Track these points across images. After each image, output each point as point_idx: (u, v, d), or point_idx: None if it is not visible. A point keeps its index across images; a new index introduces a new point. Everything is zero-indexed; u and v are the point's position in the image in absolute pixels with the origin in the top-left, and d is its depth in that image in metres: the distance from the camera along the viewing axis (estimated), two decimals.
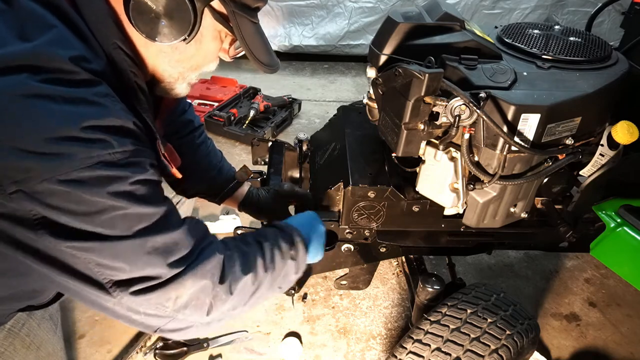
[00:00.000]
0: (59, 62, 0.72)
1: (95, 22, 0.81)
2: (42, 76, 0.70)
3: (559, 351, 1.83)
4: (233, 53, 0.99)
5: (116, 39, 0.83)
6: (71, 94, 0.71)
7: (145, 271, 0.80)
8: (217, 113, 3.17)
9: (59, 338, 1.20)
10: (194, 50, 0.91)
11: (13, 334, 1.05)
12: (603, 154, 1.24)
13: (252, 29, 0.93)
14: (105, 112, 0.74)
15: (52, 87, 0.70)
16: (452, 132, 1.07)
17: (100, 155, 0.72)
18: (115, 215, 0.76)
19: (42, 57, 0.71)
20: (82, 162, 0.71)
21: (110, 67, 0.82)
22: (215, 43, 0.94)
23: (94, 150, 0.72)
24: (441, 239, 1.40)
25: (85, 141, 0.71)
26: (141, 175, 0.79)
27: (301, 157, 1.63)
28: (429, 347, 1.20)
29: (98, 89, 0.76)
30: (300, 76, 4.30)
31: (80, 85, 0.73)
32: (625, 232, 1.24)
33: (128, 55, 0.85)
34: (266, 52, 0.97)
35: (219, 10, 0.88)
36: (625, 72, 1.21)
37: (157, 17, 0.82)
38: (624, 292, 2.10)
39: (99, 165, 0.72)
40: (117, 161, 0.75)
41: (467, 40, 1.16)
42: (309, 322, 1.88)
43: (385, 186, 1.28)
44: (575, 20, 4.50)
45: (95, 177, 0.73)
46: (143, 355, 1.69)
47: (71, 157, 0.70)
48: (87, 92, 0.73)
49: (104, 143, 0.73)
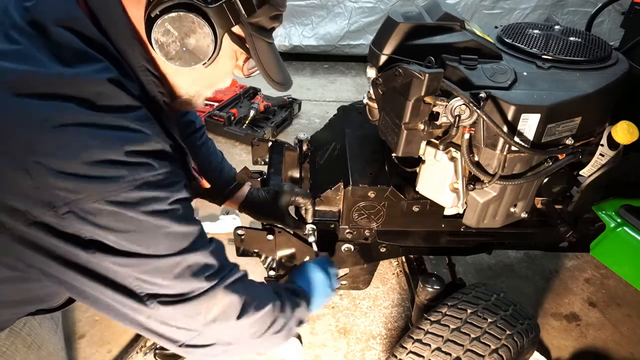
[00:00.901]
0: (101, 86, 0.75)
1: (124, 45, 0.83)
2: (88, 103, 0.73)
3: (559, 351, 1.83)
4: (247, 72, 1.02)
5: (143, 61, 0.86)
6: (115, 121, 0.75)
7: (181, 286, 0.84)
8: (217, 113, 3.16)
9: (60, 337, 1.21)
10: (211, 71, 0.93)
11: (14, 333, 1.05)
12: (603, 154, 1.24)
13: (267, 49, 0.95)
14: (146, 138, 0.78)
15: (98, 114, 0.73)
16: (452, 132, 1.07)
17: (145, 177, 0.76)
18: (158, 233, 0.80)
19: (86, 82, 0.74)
20: (129, 184, 0.75)
21: (141, 89, 0.86)
22: (231, 62, 0.96)
23: (139, 172, 0.76)
24: (441, 239, 1.40)
25: (130, 164, 0.75)
26: (179, 195, 0.83)
27: (301, 157, 1.63)
28: (429, 347, 1.20)
29: (138, 113, 0.79)
30: (300, 76, 4.30)
31: (122, 111, 0.77)
32: (625, 232, 1.24)
33: (155, 76, 0.88)
34: (279, 70, 1.00)
35: (237, 33, 0.90)
36: (625, 72, 1.21)
37: (179, 42, 0.84)
38: (624, 292, 2.10)
39: (144, 187, 0.77)
40: (158, 181, 0.79)
41: (467, 40, 1.16)
42: (309, 322, 1.88)
43: (385, 186, 1.28)
44: (575, 20, 4.50)
45: (141, 197, 0.77)
46: (143, 355, 1.69)
47: (118, 180, 0.74)
48: (128, 117, 0.77)
49: (147, 166, 0.77)
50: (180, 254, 0.83)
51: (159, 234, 0.80)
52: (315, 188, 1.45)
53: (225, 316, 0.90)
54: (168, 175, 0.81)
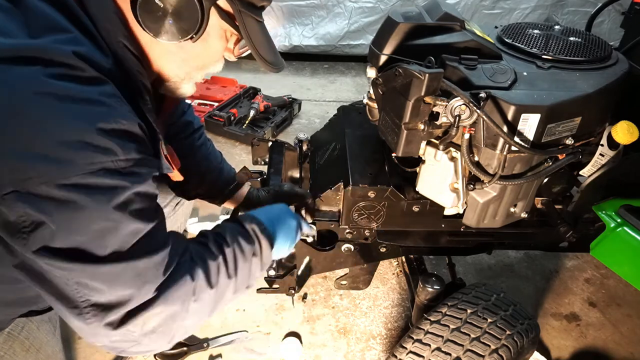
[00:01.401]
0: (65, 57, 0.71)
1: (102, 20, 0.80)
2: (50, 70, 0.69)
3: (559, 351, 1.83)
4: (238, 52, 0.99)
5: (122, 37, 0.82)
6: (78, 93, 0.70)
7: (121, 293, 0.77)
8: (217, 113, 3.16)
9: (58, 340, 1.20)
10: (200, 50, 0.91)
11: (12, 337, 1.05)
12: (603, 154, 1.24)
13: (257, 28, 0.93)
14: (110, 114, 0.72)
15: (60, 84, 0.69)
16: (452, 132, 1.07)
17: (104, 162, 0.71)
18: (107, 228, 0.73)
19: (50, 51, 0.70)
20: (83, 168, 0.69)
21: (117, 66, 0.81)
22: (221, 42, 0.94)
23: (97, 156, 0.70)
24: (441, 239, 1.40)
25: (89, 146, 0.69)
26: (140, 187, 0.77)
27: (301, 157, 1.63)
28: (429, 347, 1.20)
29: (104, 88, 0.74)
30: (300, 76, 4.30)
31: (86, 83, 0.72)
32: (625, 232, 1.24)
33: (134, 54, 0.84)
34: (271, 51, 0.97)
35: (225, 9, 0.88)
36: (625, 72, 1.21)
37: (164, 15, 0.82)
38: (624, 292, 2.10)
39: (100, 173, 0.71)
40: (119, 169, 0.73)
41: (467, 40, 1.16)
42: (309, 322, 1.87)
43: (385, 186, 1.28)
44: (575, 20, 4.50)
45: (95, 183, 0.71)
46: (143, 356, 1.69)
47: (73, 162, 0.68)
48: (93, 91, 0.72)
49: (108, 150, 0.71)
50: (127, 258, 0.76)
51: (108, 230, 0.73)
52: (315, 188, 1.45)
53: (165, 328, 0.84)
54: (131, 163, 0.74)
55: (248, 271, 0.99)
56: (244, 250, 0.97)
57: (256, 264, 1.00)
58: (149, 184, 0.80)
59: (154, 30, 0.83)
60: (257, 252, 1.00)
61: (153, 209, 0.82)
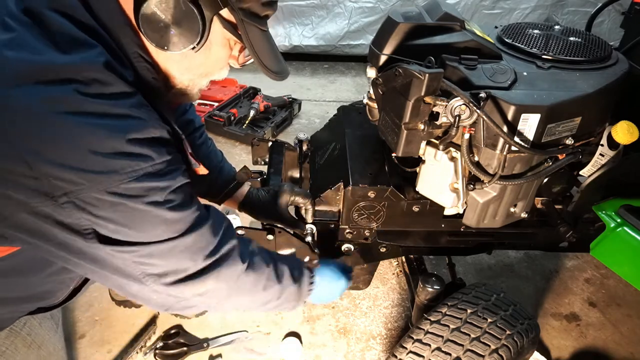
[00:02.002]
0: (96, 72, 0.75)
1: (117, 32, 0.83)
2: (84, 89, 0.73)
3: (559, 351, 1.83)
4: (242, 60, 1.01)
5: (137, 47, 0.85)
6: (111, 109, 0.75)
7: (177, 265, 0.88)
8: (217, 113, 3.16)
9: (60, 337, 1.21)
10: (203, 58, 0.92)
11: (14, 333, 1.05)
12: (603, 154, 1.24)
13: (260, 37, 0.94)
14: (144, 125, 0.79)
15: (94, 101, 0.73)
16: (452, 132, 1.07)
17: (144, 167, 0.78)
18: (155, 221, 0.82)
19: (81, 69, 0.74)
20: (128, 175, 0.76)
21: (136, 76, 0.85)
22: (225, 50, 0.95)
23: (139, 163, 0.77)
24: (441, 239, 1.40)
25: (130, 155, 0.76)
26: (177, 182, 0.85)
27: (301, 157, 1.63)
28: (429, 347, 1.20)
29: (133, 100, 0.79)
30: (300, 76, 4.30)
31: (117, 98, 0.77)
32: (625, 232, 1.24)
33: (148, 63, 0.88)
34: (275, 59, 0.99)
35: (228, 19, 0.89)
36: (625, 72, 1.21)
37: (166, 26, 0.83)
38: (624, 292, 2.10)
39: (143, 178, 0.78)
40: (158, 172, 0.80)
41: (467, 40, 1.16)
42: (309, 322, 1.88)
43: (385, 186, 1.28)
44: (575, 20, 4.50)
45: (141, 187, 0.78)
46: (143, 355, 1.69)
47: (118, 171, 0.75)
48: (124, 104, 0.77)
49: (146, 156, 0.78)
50: (176, 238, 0.85)
51: (157, 223, 0.82)
52: (315, 188, 1.45)
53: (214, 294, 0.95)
54: (166, 164, 0.82)
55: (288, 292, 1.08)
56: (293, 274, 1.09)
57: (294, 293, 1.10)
58: (183, 177, 0.87)
59: (156, 41, 0.85)
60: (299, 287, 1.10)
61: (190, 195, 0.90)
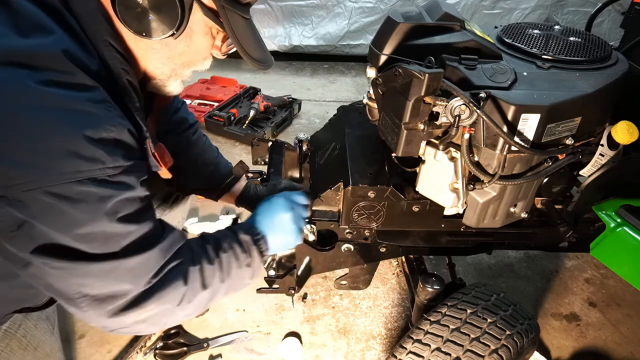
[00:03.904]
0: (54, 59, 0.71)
1: (87, 19, 0.79)
2: (40, 76, 0.69)
3: (559, 351, 1.83)
4: (225, 50, 0.98)
5: (107, 35, 0.82)
6: (66, 101, 0.70)
7: (115, 288, 0.80)
8: (217, 113, 3.16)
9: (56, 338, 1.20)
10: (185, 47, 0.90)
11: (9, 335, 1.05)
12: (603, 154, 1.24)
13: (243, 25, 0.91)
14: (99, 122, 0.73)
15: (48, 91, 0.69)
16: (452, 132, 1.07)
17: (91, 170, 0.72)
18: (94, 233, 0.75)
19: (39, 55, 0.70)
20: (71, 176, 0.70)
21: (103, 65, 0.81)
22: (207, 39, 0.92)
23: (85, 164, 0.71)
24: (441, 239, 1.40)
25: (76, 155, 0.70)
26: (128, 194, 0.78)
27: (301, 157, 1.63)
28: (429, 347, 1.20)
29: (93, 94, 0.74)
30: (300, 76, 4.30)
31: (75, 89, 0.72)
32: (625, 232, 1.24)
33: (119, 52, 0.83)
34: (258, 48, 0.96)
35: (209, 5, 0.87)
36: (625, 72, 1.21)
37: (144, 11, 0.81)
38: (624, 292, 2.10)
39: (87, 182, 0.72)
40: (106, 178, 0.74)
41: (467, 40, 1.16)
42: (309, 322, 1.88)
43: (385, 186, 1.28)
44: (575, 20, 4.50)
45: (82, 192, 0.72)
46: (143, 355, 1.69)
47: (60, 171, 0.69)
48: (81, 97, 0.72)
49: (95, 159, 0.72)
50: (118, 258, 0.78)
51: (96, 235, 0.75)
52: (315, 188, 1.45)
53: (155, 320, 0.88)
54: (119, 171, 0.76)
55: (240, 278, 1.03)
56: (239, 258, 1.01)
57: (247, 272, 1.04)
58: (138, 189, 0.80)
59: (135, 28, 0.82)
60: (250, 263, 1.04)
61: (143, 210, 0.83)
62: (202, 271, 0.93)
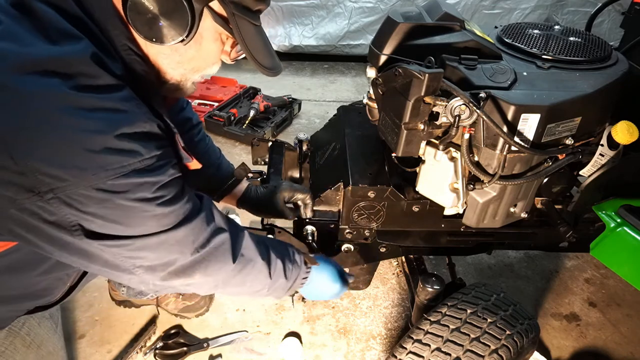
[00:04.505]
0: (82, 64, 0.74)
1: (106, 25, 0.82)
2: (73, 82, 0.72)
3: (559, 351, 1.83)
4: (234, 55, 1.00)
5: (126, 40, 0.84)
6: (98, 103, 0.74)
7: (167, 257, 0.88)
8: (217, 113, 3.16)
9: (60, 337, 1.21)
10: (194, 52, 0.91)
11: (13, 333, 1.06)
12: (603, 154, 1.24)
13: (253, 31, 0.93)
14: (132, 119, 0.77)
15: (81, 95, 0.72)
16: (452, 132, 1.07)
17: (132, 163, 0.77)
18: (144, 216, 0.82)
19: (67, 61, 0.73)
20: (116, 172, 0.75)
21: (125, 68, 0.84)
22: (216, 45, 0.94)
23: (126, 159, 0.76)
24: (441, 239, 1.40)
25: (117, 151, 0.75)
26: (167, 177, 0.84)
27: (301, 157, 1.63)
28: (428, 347, 1.20)
29: (121, 94, 0.78)
30: (300, 76, 4.30)
31: (104, 91, 0.76)
32: (625, 232, 1.24)
33: (138, 55, 0.86)
34: (268, 54, 0.97)
35: (219, 12, 0.88)
36: (625, 72, 1.21)
37: (155, 17, 0.82)
38: (624, 292, 2.10)
39: (131, 174, 0.77)
40: (146, 167, 0.79)
41: (467, 40, 1.16)
42: (309, 322, 1.87)
43: (385, 186, 1.28)
44: (575, 20, 4.50)
45: (128, 184, 0.77)
46: (143, 355, 1.69)
47: (105, 167, 0.74)
48: (112, 98, 0.76)
49: (134, 152, 0.77)
50: (166, 232, 0.85)
51: (146, 218, 0.82)
52: (315, 188, 1.45)
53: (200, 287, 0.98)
54: (155, 160, 0.81)
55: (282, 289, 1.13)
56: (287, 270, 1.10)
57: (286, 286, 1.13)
58: (174, 172, 0.87)
59: (145, 33, 0.84)
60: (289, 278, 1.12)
61: (180, 189, 0.89)
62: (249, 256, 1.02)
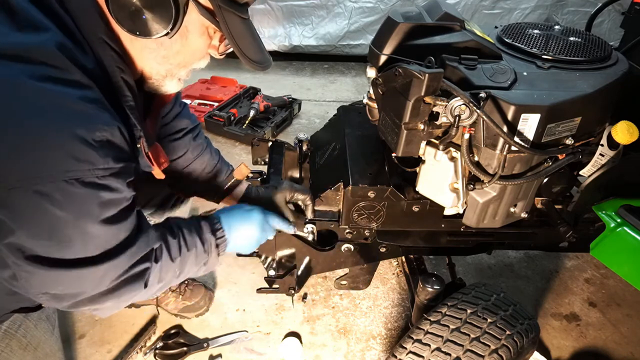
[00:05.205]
0: (50, 55, 0.70)
1: (81, 17, 0.79)
2: (34, 70, 0.68)
3: (559, 351, 1.83)
4: (223, 50, 0.97)
5: (102, 33, 0.81)
6: (60, 99, 0.69)
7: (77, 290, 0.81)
8: (217, 113, 3.16)
9: (57, 338, 1.20)
10: (180, 47, 0.89)
11: (9, 335, 1.05)
12: (603, 154, 1.24)
13: (240, 25, 0.90)
14: (91, 122, 0.72)
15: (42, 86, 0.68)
16: (452, 132, 1.07)
17: (79, 171, 0.71)
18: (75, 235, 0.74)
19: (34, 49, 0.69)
20: (59, 176, 0.69)
21: (97, 63, 0.80)
22: (203, 39, 0.91)
23: (74, 165, 0.70)
24: (441, 239, 1.40)
25: (66, 155, 0.69)
26: (114, 195, 0.78)
27: (301, 157, 1.63)
28: (429, 347, 1.20)
29: (86, 92, 0.74)
30: (300, 76, 4.30)
31: (69, 86, 0.71)
32: (625, 232, 1.24)
33: (114, 50, 0.83)
34: (256, 48, 0.95)
35: (205, 5, 0.86)
36: (625, 72, 1.21)
37: (138, 10, 0.80)
38: (624, 292, 2.10)
39: (74, 182, 0.71)
40: (94, 180, 0.73)
41: (467, 40, 1.16)
42: (309, 322, 1.87)
43: (385, 186, 1.28)
44: (575, 20, 4.50)
45: (69, 192, 0.71)
46: (143, 355, 1.69)
47: (49, 169, 0.68)
48: (75, 95, 0.71)
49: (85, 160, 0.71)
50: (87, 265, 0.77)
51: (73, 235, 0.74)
52: (315, 188, 1.45)
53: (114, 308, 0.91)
54: (107, 173, 0.75)
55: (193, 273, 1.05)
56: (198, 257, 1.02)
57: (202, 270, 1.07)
58: (124, 191, 0.80)
59: (129, 27, 0.81)
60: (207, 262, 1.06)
61: (125, 212, 0.83)
62: (161, 270, 0.95)
